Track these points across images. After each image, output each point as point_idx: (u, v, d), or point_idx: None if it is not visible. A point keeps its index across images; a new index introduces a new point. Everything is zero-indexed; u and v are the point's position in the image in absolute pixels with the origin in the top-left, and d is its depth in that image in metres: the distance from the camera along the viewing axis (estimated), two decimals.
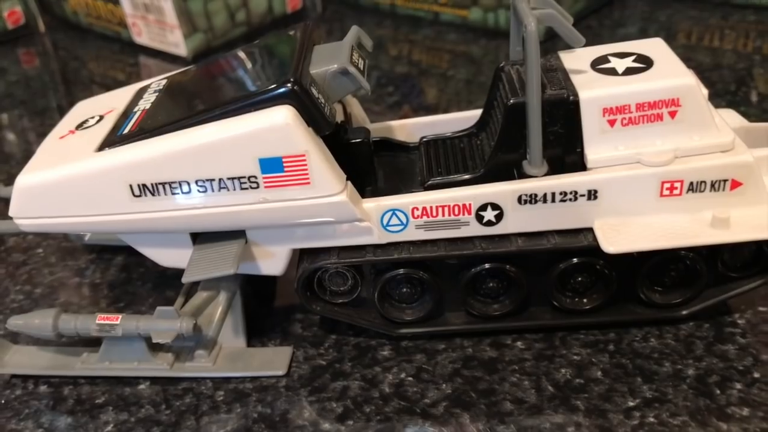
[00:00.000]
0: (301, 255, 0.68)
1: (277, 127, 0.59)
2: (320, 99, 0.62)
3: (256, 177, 0.61)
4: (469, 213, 0.64)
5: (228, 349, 0.70)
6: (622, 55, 0.65)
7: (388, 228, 0.65)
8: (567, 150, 0.63)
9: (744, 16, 1.29)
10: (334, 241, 0.66)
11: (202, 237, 0.68)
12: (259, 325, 0.74)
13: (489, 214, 0.64)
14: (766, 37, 1.21)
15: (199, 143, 0.61)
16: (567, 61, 0.66)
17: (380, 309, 0.69)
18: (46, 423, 0.66)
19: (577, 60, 0.66)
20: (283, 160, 0.60)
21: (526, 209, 0.63)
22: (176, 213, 0.64)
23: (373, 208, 0.64)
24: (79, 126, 0.71)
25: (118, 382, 0.69)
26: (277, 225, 0.65)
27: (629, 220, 0.63)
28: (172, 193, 0.63)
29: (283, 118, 0.59)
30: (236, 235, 0.67)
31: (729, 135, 0.62)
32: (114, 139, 0.65)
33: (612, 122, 0.62)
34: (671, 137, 0.62)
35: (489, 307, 0.69)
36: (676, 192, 0.62)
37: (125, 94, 0.75)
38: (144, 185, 0.62)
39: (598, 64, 0.65)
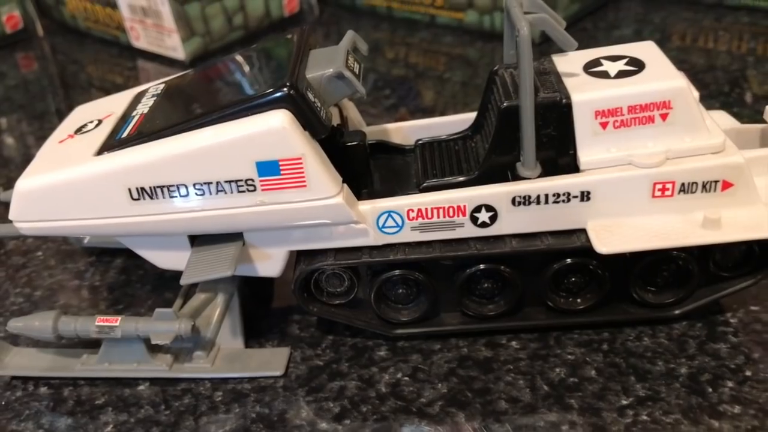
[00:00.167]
0: (298, 257, 0.69)
1: (274, 130, 0.60)
2: (316, 103, 0.62)
3: (253, 180, 0.62)
4: (464, 214, 0.64)
5: (226, 350, 0.71)
6: (614, 58, 0.66)
7: (384, 230, 0.65)
8: (560, 152, 0.63)
9: (737, 17, 1.30)
10: (330, 242, 0.66)
11: (200, 239, 0.69)
12: (256, 327, 0.74)
13: (483, 216, 0.64)
14: (759, 39, 1.22)
15: (197, 147, 0.61)
16: (560, 64, 0.66)
17: (376, 310, 0.69)
18: (47, 424, 0.66)
19: (569, 63, 0.66)
20: (280, 163, 0.61)
21: (520, 211, 0.64)
22: (174, 216, 0.64)
23: (369, 210, 0.65)
24: (78, 130, 0.71)
25: (118, 383, 0.70)
26: (274, 227, 0.65)
27: (622, 221, 0.64)
28: (170, 197, 0.63)
29: (280, 121, 0.60)
30: (234, 237, 0.67)
31: (720, 136, 0.63)
32: (113, 143, 0.66)
33: (604, 124, 0.62)
34: (663, 139, 0.62)
35: (484, 308, 0.69)
36: (667, 193, 0.63)
37: (123, 99, 0.75)
38: (142, 188, 0.63)
39: (590, 67, 0.65)
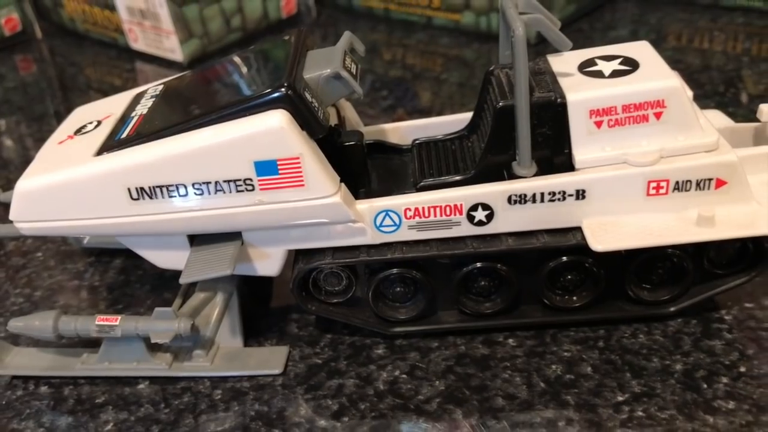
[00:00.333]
0: (297, 256, 0.69)
1: (272, 130, 0.60)
2: (314, 103, 0.63)
3: (251, 180, 0.62)
4: (461, 213, 0.65)
5: (225, 349, 0.71)
6: (609, 57, 0.67)
7: (382, 228, 0.66)
8: (555, 151, 0.64)
9: (732, 18, 1.30)
10: (328, 241, 0.67)
11: (199, 239, 0.69)
12: (255, 326, 0.74)
13: (480, 214, 0.65)
14: (754, 39, 1.23)
15: (196, 147, 0.62)
16: (555, 64, 0.67)
17: (374, 308, 0.70)
18: (47, 423, 0.67)
19: (564, 63, 0.67)
20: (278, 162, 0.62)
21: (516, 209, 0.64)
22: (173, 215, 0.65)
23: (366, 209, 0.65)
24: (78, 131, 0.72)
25: (118, 382, 0.70)
26: (273, 226, 0.66)
27: (617, 219, 0.64)
28: (170, 196, 0.64)
29: (278, 121, 0.60)
30: (232, 236, 0.68)
31: (713, 135, 0.63)
32: (112, 144, 0.66)
33: (599, 123, 0.63)
34: (657, 138, 0.63)
35: (481, 306, 0.70)
36: (662, 191, 0.63)
37: (122, 100, 0.76)
38: (142, 188, 0.63)
39: (585, 67, 0.66)
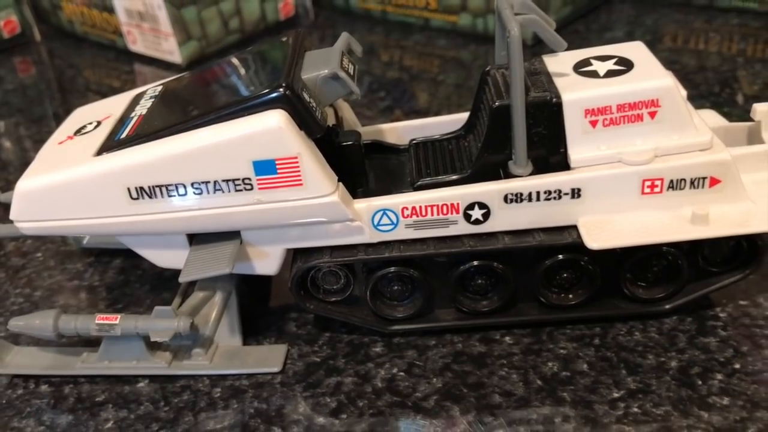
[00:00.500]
0: (295, 255, 0.70)
1: (270, 130, 0.61)
2: (312, 103, 0.63)
3: (250, 179, 0.63)
4: (458, 212, 0.66)
5: (224, 348, 0.72)
6: (604, 58, 0.67)
7: (379, 227, 0.66)
8: (551, 150, 0.64)
9: (727, 19, 1.31)
10: (326, 240, 0.67)
11: (198, 238, 0.69)
12: (254, 324, 0.75)
13: (476, 213, 0.65)
14: (749, 40, 1.23)
15: (195, 147, 0.62)
16: (550, 64, 0.67)
17: (372, 306, 0.70)
18: (48, 421, 0.67)
19: (560, 63, 0.67)
20: (276, 162, 0.62)
21: (512, 208, 0.65)
22: (173, 215, 0.65)
23: (364, 208, 0.66)
24: (78, 132, 0.72)
25: (118, 381, 0.70)
26: (271, 225, 0.66)
27: (612, 217, 0.65)
28: (169, 196, 0.64)
29: (276, 121, 0.61)
30: (231, 235, 0.68)
31: (707, 134, 0.64)
32: (112, 144, 0.67)
33: (594, 123, 0.63)
34: (651, 137, 0.63)
35: (478, 304, 0.70)
36: (656, 190, 0.64)
37: (122, 101, 0.76)
38: (141, 188, 0.64)
39: (580, 67, 0.66)
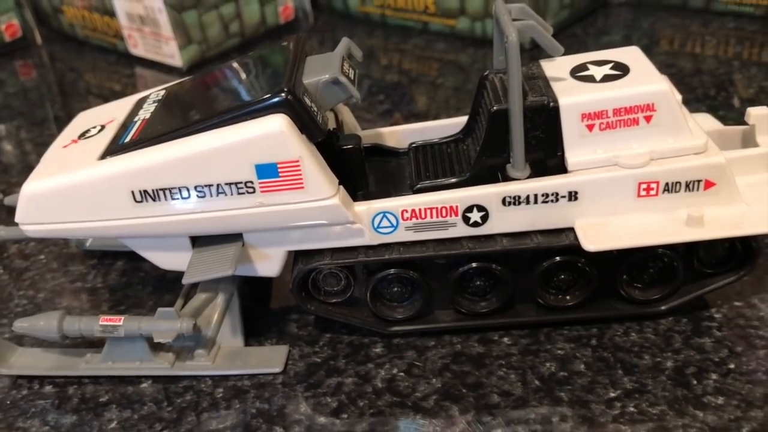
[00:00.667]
0: (296, 257, 0.70)
1: (273, 134, 0.62)
2: (313, 107, 0.64)
3: (252, 182, 0.64)
4: (456, 215, 0.66)
5: (226, 349, 0.72)
6: (600, 63, 0.68)
7: (379, 230, 0.67)
8: (548, 154, 0.65)
9: (724, 23, 1.32)
10: (327, 243, 0.68)
11: (200, 240, 0.70)
12: (256, 325, 0.76)
13: (475, 216, 0.66)
14: (745, 44, 1.24)
15: (198, 151, 0.63)
16: (548, 69, 0.68)
17: (372, 308, 0.71)
18: (52, 421, 0.68)
19: (557, 68, 0.68)
20: (278, 165, 0.63)
21: (510, 210, 0.66)
22: (176, 217, 0.66)
23: (364, 210, 0.67)
24: (82, 135, 0.73)
25: (121, 381, 0.71)
26: (273, 228, 0.67)
27: (608, 219, 0.66)
28: (172, 199, 0.65)
29: (278, 126, 0.62)
30: (234, 238, 0.69)
31: (702, 138, 0.65)
32: (116, 148, 0.67)
33: (590, 127, 0.64)
34: (647, 140, 0.64)
35: (476, 305, 0.71)
36: (652, 192, 0.65)
37: (125, 105, 0.77)
38: (145, 191, 0.65)
39: (577, 72, 0.67)
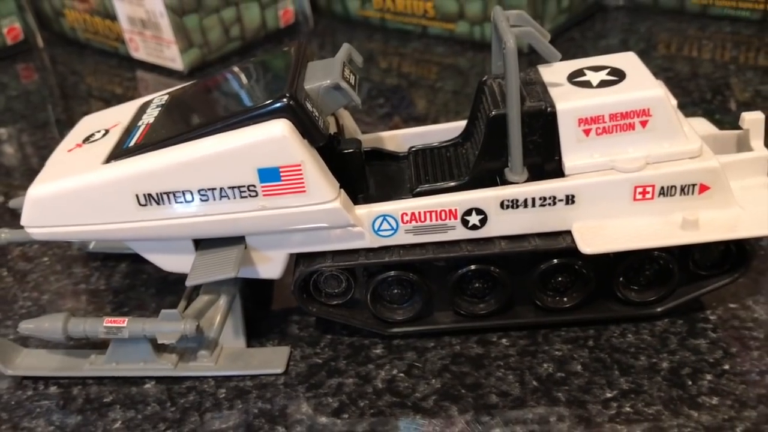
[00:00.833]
0: (298, 259, 0.71)
1: (275, 139, 0.63)
2: (314, 112, 0.65)
3: (254, 186, 0.65)
4: (455, 218, 0.67)
5: (229, 350, 0.73)
6: (597, 68, 0.69)
7: (380, 233, 0.68)
8: (546, 158, 0.66)
9: (720, 27, 1.33)
10: (328, 245, 0.69)
11: (203, 243, 0.71)
12: (258, 327, 0.76)
13: (474, 219, 0.67)
14: (741, 48, 1.25)
15: (201, 155, 0.64)
16: (545, 74, 0.69)
17: (372, 309, 0.72)
18: (57, 421, 0.68)
19: (554, 73, 0.69)
20: (280, 170, 0.64)
21: (508, 214, 0.67)
22: (180, 221, 0.67)
23: (365, 214, 0.67)
24: (86, 139, 0.74)
25: (125, 382, 0.72)
26: (275, 231, 0.68)
27: (605, 222, 0.67)
28: (176, 202, 0.66)
29: (280, 130, 0.63)
30: (236, 240, 0.70)
31: (697, 142, 0.66)
32: (120, 152, 0.68)
33: (587, 132, 0.65)
34: (643, 145, 0.65)
35: (475, 307, 0.72)
36: (648, 196, 0.66)
37: (129, 109, 0.78)
38: (149, 195, 0.66)
39: (574, 77, 0.68)
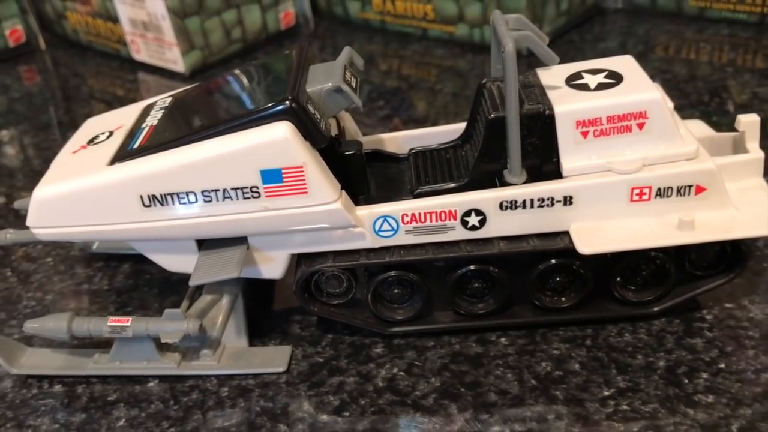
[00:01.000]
0: (299, 259, 0.72)
1: (277, 141, 0.63)
2: (316, 115, 0.66)
3: (257, 187, 0.65)
4: (455, 219, 0.68)
5: (231, 349, 0.74)
6: (594, 71, 0.70)
7: (380, 233, 0.69)
8: (544, 160, 0.67)
9: (718, 30, 1.34)
10: (329, 246, 0.70)
11: (206, 243, 0.72)
12: (260, 326, 0.77)
13: (473, 220, 0.68)
14: (738, 50, 1.26)
15: (205, 156, 0.65)
16: (543, 77, 0.70)
17: (373, 309, 0.72)
18: (62, 419, 0.69)
19: (552, 77, 0.70)
20: (283, 171, 0.65)
21: (507, 214, 0.67)
22: (183, 221, 0.67)
23: (366, 215, 0.68)
24: (90, 141, 0.75)
25: (129, 381, 0.72)
26: (277, 231, 0.69)
27: (602, 223, 0.67)
28: (180, 203, 0.67)
29: (283, 133, 0.63)
30: (239, 241, 0.71)
31: (693, 144, 0.67)
32: (124, 154, 0.69)
33: (585, 134, 0.66)
34: (640, 147, 0.66)
35: (474, 306, 0.72)
36: (645, 197, 0.67)
37: (132, 111, 0.78)
38: (153, 196, 0.66)
39: (572, 80, 0.69)
